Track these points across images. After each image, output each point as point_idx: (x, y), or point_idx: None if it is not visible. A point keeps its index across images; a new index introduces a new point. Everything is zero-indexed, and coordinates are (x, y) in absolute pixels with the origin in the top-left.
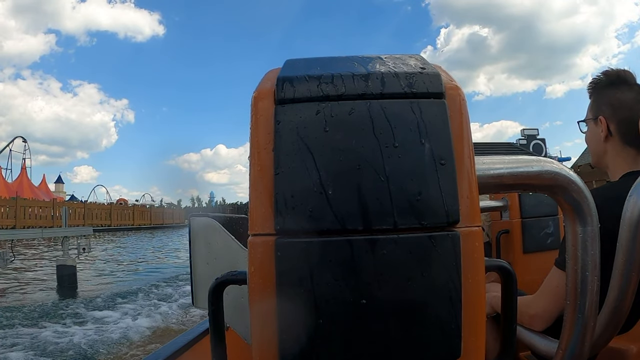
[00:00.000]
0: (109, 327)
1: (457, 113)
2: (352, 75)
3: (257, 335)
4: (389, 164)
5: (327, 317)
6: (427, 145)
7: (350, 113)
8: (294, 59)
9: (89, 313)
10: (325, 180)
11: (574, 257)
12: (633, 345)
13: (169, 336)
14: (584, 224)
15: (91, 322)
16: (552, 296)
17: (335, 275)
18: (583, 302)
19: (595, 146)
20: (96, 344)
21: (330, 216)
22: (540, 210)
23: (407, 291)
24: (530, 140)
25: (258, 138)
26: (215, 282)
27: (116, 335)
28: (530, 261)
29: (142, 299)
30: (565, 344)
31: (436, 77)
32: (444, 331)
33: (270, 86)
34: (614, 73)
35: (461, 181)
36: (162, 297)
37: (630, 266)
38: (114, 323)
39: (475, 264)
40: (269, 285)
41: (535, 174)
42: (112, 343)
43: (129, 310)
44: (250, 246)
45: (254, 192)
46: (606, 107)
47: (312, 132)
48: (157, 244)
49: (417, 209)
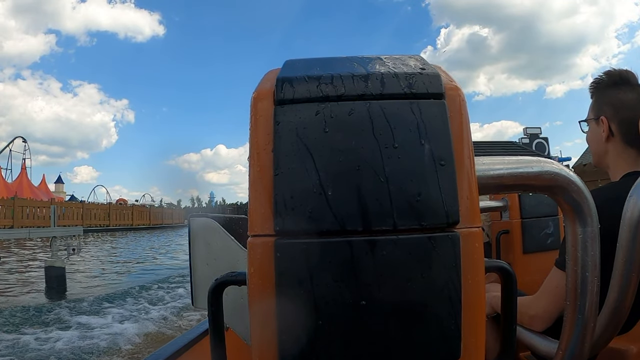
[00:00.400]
0: (95, 333)
1: (457, 113)
2: (351, 76)
3: (257, 335)
4: (388, 165)
5: (326, 317)
6: (426, 145)
7: (350, 114)
8: (293, 59)
9: (74, 319)
10: (325, 181)
11: (574, 257)
12: (633, 346)
13: (162, 342)
14: (584, 225)
15: (75, 327)
16: (552, 296)
17: (334, 276)
18: (583, 302)
19: (596, 146)
20: (79, 351)
21: (329, 217)
22: (540, 210)
23: (406, 292)
24: (533, 139)
25: (257, 138)
26: (215, 283)
27: (103, 343)
28: (530, 261)
29: (131, 303)
30: (565, 345)
31: (436, 77)
32: (444, 332)
33: (269, 87)
34: (616, 73)
35: (461, 182)
36: (153, 301)
37: (631, 266)
38: (100, 329)
39: (475, 265)
40: (268, 286)
41: (535, 175)
42: (98, 351)
43: (116, 315)
44: (250, 247)
45: (254, 193)
46: (608, 107)
47: (311, 133)
48: (156, 244)
49: (416, 210)
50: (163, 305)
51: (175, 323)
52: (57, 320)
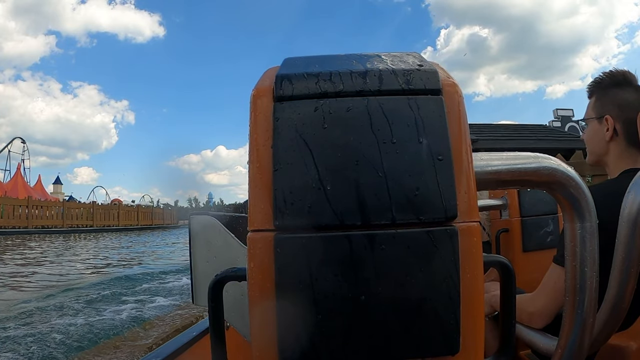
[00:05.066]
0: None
1: (454, 109)
2: (350, 73)
3: (257, 330)
4: (386, 160)
5: (326, 311)
6: (424, 141)
7: (349, 110)
8: (292, 57)
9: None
10: (324, 176)
11: (572, 253)
12: (633, 342)
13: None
14: (583, 220)
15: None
16: (551, 293)
17: (334, 270)
18: (582, 298)
19: (596, 145)
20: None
21: (328, 212)
22: (540, 208)
23: (405, 286)
24: (565, 122)
25: (257, 135)
26: (215, 279)
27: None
28: (529, 260)
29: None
30: (565, 341)
31: (433, 74)
32: (443, 326)
33: (269, 84)
34: (619, 73)
35: (459, 177)
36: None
37: (629, 262)
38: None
39: (474, 259)
40: (268, 280)
41: (533, 170)
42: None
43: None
44: (250, 242)
45: (253, 189)
46: (613, 107)
47: (310, 129)
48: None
49: (415, 205)
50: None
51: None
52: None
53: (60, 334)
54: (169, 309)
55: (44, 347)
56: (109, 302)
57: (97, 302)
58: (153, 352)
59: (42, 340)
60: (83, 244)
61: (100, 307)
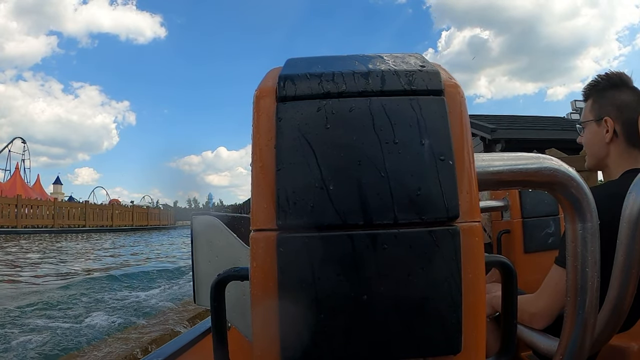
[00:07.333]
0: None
1: (456, 110)
2: (352, 73)
3: (259, 329)
4: (389, 160)
5: (328, 311)
6: (426, 141)
7: (351, 110)
8: (295, 57)
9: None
10: (327, 176)
11: (573, 254)
12: (634, 343)
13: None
14: (584, 221)
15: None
16: (552, 294)
17: (336, 269)
18: (583, 299)
19: (596, 147)
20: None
21: (331, 211)
22: (541, 209)
23: (407, 285)
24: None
25: (260, 135)
26: (218, 278)
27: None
28: (531, 261)
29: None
30: (566, 342)
31: (435, 74)
32: (445, 326)
33: (272, 84)
34: (616, 75)
35: (461, 177)
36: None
37: (630, 263)
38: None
39: (475, 259)
40: (270, 280)
41: (535, 171)
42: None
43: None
44: (252, 241)
45: (256, 188)
46: (612, 108)
47: (313, 129)
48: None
49: (417, 204)
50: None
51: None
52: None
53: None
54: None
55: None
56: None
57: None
58: (154, 352)
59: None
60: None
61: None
